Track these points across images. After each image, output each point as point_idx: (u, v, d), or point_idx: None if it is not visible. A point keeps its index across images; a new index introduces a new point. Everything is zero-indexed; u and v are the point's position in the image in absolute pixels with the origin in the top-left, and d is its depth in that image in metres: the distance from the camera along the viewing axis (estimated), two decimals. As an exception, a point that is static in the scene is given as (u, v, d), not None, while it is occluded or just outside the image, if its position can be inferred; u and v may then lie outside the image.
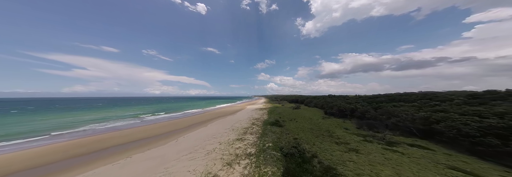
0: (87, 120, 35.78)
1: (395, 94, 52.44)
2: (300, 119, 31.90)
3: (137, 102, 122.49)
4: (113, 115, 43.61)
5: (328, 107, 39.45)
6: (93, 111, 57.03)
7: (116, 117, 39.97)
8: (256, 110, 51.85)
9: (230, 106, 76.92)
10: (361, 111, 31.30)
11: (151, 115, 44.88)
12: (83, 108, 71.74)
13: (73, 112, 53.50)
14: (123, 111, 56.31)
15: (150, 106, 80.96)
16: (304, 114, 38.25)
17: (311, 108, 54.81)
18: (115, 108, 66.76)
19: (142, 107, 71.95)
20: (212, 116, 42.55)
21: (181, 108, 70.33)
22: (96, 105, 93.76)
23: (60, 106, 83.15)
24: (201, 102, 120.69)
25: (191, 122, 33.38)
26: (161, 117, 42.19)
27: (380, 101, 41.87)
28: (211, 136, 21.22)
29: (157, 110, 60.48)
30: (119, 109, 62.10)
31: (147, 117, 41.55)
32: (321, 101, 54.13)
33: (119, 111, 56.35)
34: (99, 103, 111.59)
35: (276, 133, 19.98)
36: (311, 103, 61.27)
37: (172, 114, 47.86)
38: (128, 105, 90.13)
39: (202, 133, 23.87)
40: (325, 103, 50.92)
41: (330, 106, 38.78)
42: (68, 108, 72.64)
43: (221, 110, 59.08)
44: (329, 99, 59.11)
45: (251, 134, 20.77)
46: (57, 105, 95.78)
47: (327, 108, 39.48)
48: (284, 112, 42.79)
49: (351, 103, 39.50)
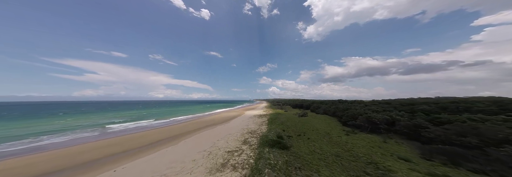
0: (32, 133, 27.12)
1: (443, 100, 42.19)
2: (313, 133, 22.79)
3: (132, 107, 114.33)
4: (77, 125, 34.75)
5: (347, 116, 29.98)
6: (65, 117, 48.55)
7: (75, 128, 31.26)
8: (255, 117, 42.81)
9: (227, 112, 67.98)
10: (408, 126, 21.80)
11: (124, 124, 36.13)
12: (57, 114, 63.50)
13: (35, 119, 44.82)
14: (100, 118, 47.71)
15: (141, 111, 72.49)
16: (316, 125, 29.08)
17: (320, 115, 45.50)
18: (96, 114, 58.35)
19: (130, 113, 63.43)
20: (199, 125, 33.64)
21: (173, 113, 61.86)
22: (82, 109, 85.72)
23: (39, 112, 75.16)
24: (199, 107, 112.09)
25: (163, 135, 24.57)
26: (134, 126, 33.41)
27: (425, 110, 30.00)
28: (166, 168, 12.37)
29: (144, 116, 52.06)
30: (98, 115, 53.61)
31: (116, 126, 32.79)
32: (332, 108, 44.87)
33: (95, 118, 47.73)
34: (93, 108, 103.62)
35: (277, 168, 10.91)
36: (319, 109, 51.94)
37: (155, 122, 39.22)
38: (117, 109, 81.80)
39: (159, 159, 14.99)
40: (337, 109, 41.67)
41: (350, 115, 29.30)
42: (36, 114, 64.55)
43: (214, 116, 50.20)
44: (341, 105, 49.77)
45: (234, 169, 11.73)
46: (42, 111, 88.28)
47: (345, 117, 30.04)
48: (289, 120, 33.69)
49: (378, 111, 29.91)
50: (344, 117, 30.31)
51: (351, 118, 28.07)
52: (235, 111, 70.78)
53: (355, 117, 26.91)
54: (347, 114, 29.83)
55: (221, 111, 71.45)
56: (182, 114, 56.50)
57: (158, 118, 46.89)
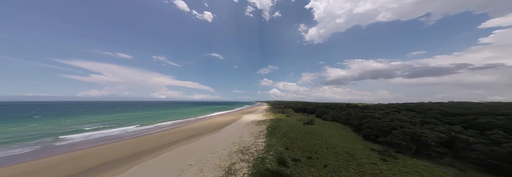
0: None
1: (461, 105, 35.87)
2: (328, 153, 16.76)
3: (127, 108, 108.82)
4: (31, 134, 28.53)
5: (370, 128, 23.60)
6: (33, 122, 42.60)
7: (21, 139, 25.29)
8: (252, 124, 36.92)
9: (223, 115, 62.20)
10: (496, 154, 13.96)
11: (94, 131, 30.44)
12: (30, 117, 58.05)
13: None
14: (75, 122, 41.85)
15: (132, 113, 66.85)
16: (328, 138, 23.12)
17: (328, 122, 39.47)
18: (76, 117, 52.67)
19: (117, 116, 57.77)
20: (181, 135, 27.82)
21: (164, 117, 56.36)
22: (70, 111, 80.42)
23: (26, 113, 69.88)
24: (196, 109, 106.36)
25: (118, 154, 18.66)
26: (100, 136, 27.54)
27: (492, 124, 20.46)
28: None
29: (129, 120, 46.57)
30: (76, 119, 47.90)
31: (75, 137, 26.77)
32: (342, 114, 38.86)
33: (68, 122, 41.79)
34: (83, 109, 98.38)
35: None
36: (326, 114, 45.78)
37: (133, 129, 33.47)
38: (107, 112, 76.08)
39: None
40: (350, 116, 35.73)
41: (378, 127, 22.74)
42: (6, 116, 59.20)
43: (207, 121, 44.46)
44: (352, 110, 43.77)
45: None
46: (32, 111, 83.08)
47: (367, 129, 23.77)
48: (293, 130, 27.84)
49: (414, 122, 23.15)
50: (365, 128, 24.14)
51: (378, 131, 21.67)
52: (232, 114, 64.95)
53: (386, 131, 20.59)
54: (370, 126, 23.56)
55: (217, 114, 65.66)
56: (173, 118, 50.83)
57: (143, 123, 41.21)
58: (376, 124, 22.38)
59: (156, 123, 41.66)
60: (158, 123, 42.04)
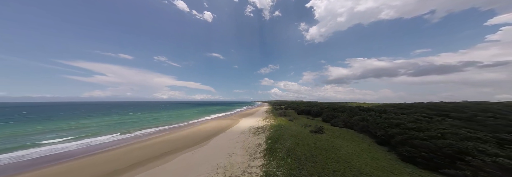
0: None
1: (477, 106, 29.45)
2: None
3: (121, 110, 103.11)
4: None
5: (422, 148, 16.40)
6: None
7: None
8: (249, 132, 30.79)
9: (219, 119, 56.16)
10: None
11: (51, 146, 24.54)
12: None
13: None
14: (46, 129, 36.12)
15: (121, 117, 60.98)
16: (352, 159, 16.74)
17: (339, 129, 33.13)
18: (52, 123, 46.80)
19: (105, 120, 51.76)
20: (155, 150, 21.62)
21: (154, 120, 50.72)
22: (60, 113, 74.87)
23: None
24: (193, 111, 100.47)
25: None
26: (36, 156, 21.54)
27: None
28: None
29: (113, 126, 40.80)
30: (53, 125, 42.11)
31: (5, 156, 20.92)
32: (356, 120, 32.51)
33: (38, 129, 35.99)
34: (74, 112, 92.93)
35: None
36: (335, 119, 39.32)
37: (102, 140, 27.56)
38: (96, 115, 70.29)
39: None
40: (368, 123, 29.45)
41: (435, 149, 14.58)
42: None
43: (197, 128, 38.37)
44: (367, 114, 37.44)
45: None
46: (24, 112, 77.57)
47: (415, 149, 16.73)
48: (299, 143, 21.70)
49: (485, 140, 15.63)
50: (399, 144, 17.31)
51: (428, 152, 14.50)
52: (229, 118, 58.85)
53: (449, 155, 13.62)
54: (414, 144, 16.39)
55: (213, 118, 59.59)
56: (162, 123, 44.85)
57: (125, 130, 35.37)
58: (423, 142, 15.83)
59: (139, 130, 35.75)
60: (141, 130, 36.10)
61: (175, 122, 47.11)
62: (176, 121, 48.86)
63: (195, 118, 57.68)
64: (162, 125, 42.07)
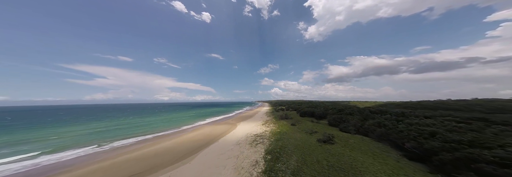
0: None
1: None
2: None
3: (116, 114, 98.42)
4: None
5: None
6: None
7: None
8: (246, 142, 25.94)
9: (216, 123, 51.35)
10: None
11: (10, 164, 19.86)
12: None
13: None
14: (16, 141, 31.44)
15: (109, 123, 56.03)
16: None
17: (352, 136, 28.19)
18: (37, 130, 42.23)
19: (90, 127, 47.12)
20: (121, 174, 16.95)
21: (143, 127, 46.06)
22: (48, 119, 70.15)
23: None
24: (190, 113, 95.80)
25: None
26: None
27: None
28: None
29: (93, 135, 36.02)
30: (29, 135, 37.35)
31: None
32: (371, 125, 27.55)
33: (3, 141, 31.39)
34: (66, 117, 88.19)
35: None
36: (345, 124, 34.17)
37: (63, 157, 22.83)
38: (84, 121, 65.46)
39: None
40: (384, 128, 24.56)
41: None
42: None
43: (186, 136, 33.51)
44: (380, 117, 32.44)
45: None
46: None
47: None
48: (307, 160, 16.88)
49: None
50: (456, 168, 12.47)
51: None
52: (226, 122, 53.93)
53: None
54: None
55: (208, 122, 54.69)
56: (150, 131, 40.07)
57: (103, 141, 30.63)
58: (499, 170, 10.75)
59: (119, 140, 30.93)
60: (122, 140, 31.27)
61: (165, 129, 42.26)
62: (166, 127, 43.99)
63: (188, 123, 52.77)
64: (149, 133, 37.23)
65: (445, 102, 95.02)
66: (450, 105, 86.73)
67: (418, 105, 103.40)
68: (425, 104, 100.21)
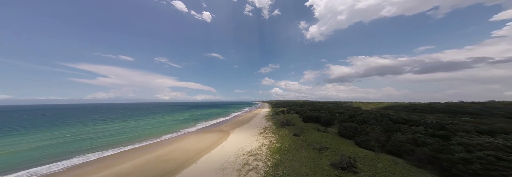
0: None
1: None
2: None
3: (102, 116, 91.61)
4: None
5: None
6: None
7: None
8: (232, 168, 18.96)
9: (205, 131, 44.41)
10: None
11: None
12: None
13: None
14: None
15: (84, 129, 49.24)
16: None
17: (379, 157, 21.00)
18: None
19: (54, 137, 40.19)
20: None
21: (120, 134, 39.18)
22: (22, 122, 63.32)
23: None
24: (184, 116, 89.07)
25: None
26: None
27: None
28: None
29: (43, 149, 29.13)
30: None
31: None
32: (403, 143, 20.48)
33: None
34: (47, 119, 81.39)
35: None
36: (363, 136, 27.02)
37: None
38: (61, 125, 58.35)
39: None
40: (417, 144, 17.57)
41: None
42: None
43: (157, 154, 26.50)
44: (409, 128, 25.29)
45: None
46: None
47: None
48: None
49: None
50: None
51: None
52: (218, 128, 46.94)
53: None
54: None
55: (197, 129, 47.69)
56: (122, 141, 33.04)
57: (39, 160, 23.76)
58: None
59: (61, 160, 23.79)
60: (64, 160, 24.15)
61: (141, 139, 35.15)
62: (144, 137, 36.92)
63: (174, 130, 45.67)
64: (116, 145, 30.21)
65: (459, 105, 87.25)
66: (465, 108, 79.07)
67: (428, 108, 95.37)
68: (437, 107, 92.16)
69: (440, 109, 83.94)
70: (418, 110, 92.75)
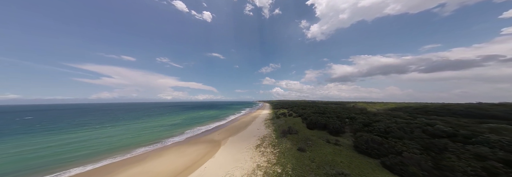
0: None
1: None
2: None
3: (94, 118, 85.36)
4: None
5: None
6: None
7: None
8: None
9: (191, 142, 37.66)
10: None
11: None
12: None
13: None
14: None
15: (50, 139, 42.74)
16: None
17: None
18: None
19: (12, 149, 33.92)
20: None
21: (84, 148, 32.47)
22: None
23: None
24: (177, 119, 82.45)
25: None
26: None
27: None
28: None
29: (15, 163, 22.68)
30: None
31: None
32: (464, 173, 13.69)
33: None
34: (14, 125, 75.13)
35: None
36: (395, 157, 20.03)
37: None
38: (28, 134, 52.11)
39: None
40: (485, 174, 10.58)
41: None
42: None
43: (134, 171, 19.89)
44: (453, 146, 18.26)
45: None
46: None
47: None
48: None
49: None
50: None
51: None
52: (208, 139, 40.07)
53: None
54: None
55: (184, 139, 40.83)
56: (67, 164, 26.46)
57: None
58: None
59: None
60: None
61: (105, 155, 28.26)
62: (113, 151, 30.11)
63: (155, 139, 38.62)
64: (66, 166, 23.60)
65: (480, 107, 78.51)
66: (488, 110, 70.75)
67: (443, 110, 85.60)
68: (453, 109, 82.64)
69: (458, 111, 75.56)
70: (432, 112, 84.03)
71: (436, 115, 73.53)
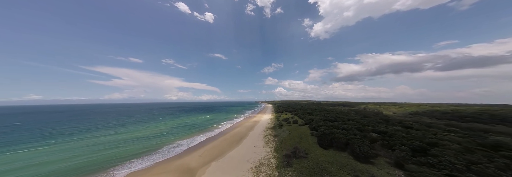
0: None
1: None
2: None
3: (90, 123, 75.66)
4: None
5: None
6: None
7: None
8: None
9: (176, 159, 26.89)
10: None
11: None
12: None
13: None
14: None
15: (56, 144, 32.66)
16: None
17: None
18: None
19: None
20: None
21: (65, 159, 22.24)
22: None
23: None
24: (172, 123, 72.49)
25: None
26: None
27: None
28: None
29: None
30: None
31: None
32: None
33: None
34: (23, 129, 65.92)
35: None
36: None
37: None
38: (17, 141, 42.42)
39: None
40: None
41: None
42: None
43: None
44: None
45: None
46: None
47: None
48: None
49: None
50: None
51: None
52: (179, 167, 29.35)
53: None
54: None
55: (151, 165, 30.16)
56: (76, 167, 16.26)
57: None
58: None
59: None
60: None
61: (112, 160, 17.97)
62: (107, 160, 19.74)
63: (111, 164, 28.24)
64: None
65: None
66: None
67: (485, 115, 62.07)
68: (499, 115, 62.64)
69: (508, 118, 57.36)
70: (468, 119, 62.62)
71: (476, 122, 57.99)
